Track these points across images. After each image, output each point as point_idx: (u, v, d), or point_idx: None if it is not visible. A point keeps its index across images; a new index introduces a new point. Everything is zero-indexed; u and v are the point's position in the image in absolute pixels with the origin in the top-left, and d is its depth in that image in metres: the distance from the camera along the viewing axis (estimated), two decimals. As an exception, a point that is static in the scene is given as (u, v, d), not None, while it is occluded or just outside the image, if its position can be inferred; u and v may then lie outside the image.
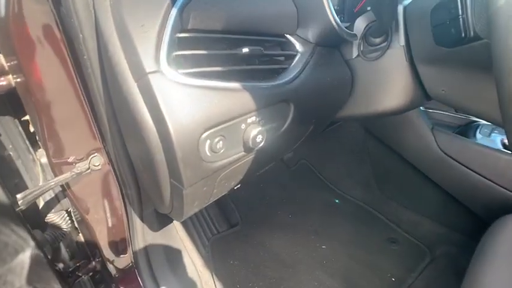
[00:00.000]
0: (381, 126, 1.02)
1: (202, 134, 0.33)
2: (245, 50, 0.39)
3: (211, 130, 0.34)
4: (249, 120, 0.36)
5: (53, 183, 0.53)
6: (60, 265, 0.70)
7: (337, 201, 1.17)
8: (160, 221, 0.71)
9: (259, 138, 0.37)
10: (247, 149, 0.38)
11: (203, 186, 0.37)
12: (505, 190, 0.80)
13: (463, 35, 0.38)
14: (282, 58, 0.49)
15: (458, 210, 0.95)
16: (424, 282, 0.90)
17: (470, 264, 0.61)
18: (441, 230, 1.01)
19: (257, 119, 0.37)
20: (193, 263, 0.89)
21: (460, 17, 0.37)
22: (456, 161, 0.86)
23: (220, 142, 0.35)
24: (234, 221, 1.07)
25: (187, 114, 0.31)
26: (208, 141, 0.34)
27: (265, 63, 0.46)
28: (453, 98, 0.47)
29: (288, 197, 1.19)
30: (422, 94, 0.50)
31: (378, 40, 0.50)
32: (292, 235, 1.05)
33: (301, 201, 1.18)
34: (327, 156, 1.24)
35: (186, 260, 0.86)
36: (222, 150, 0.35)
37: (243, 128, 0.36)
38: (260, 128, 0.37)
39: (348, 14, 0.59)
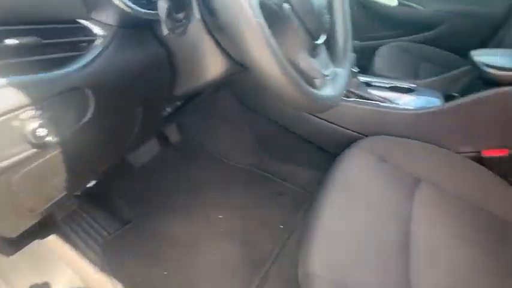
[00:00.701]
0: (246, 93, 1.09)
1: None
2: (11, 42, 0.36)
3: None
4: (23, 116, 0.35)
5: None
6: None
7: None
8: (18, 242, 0.65)
9: (42, 132, 0.36)
10: (36, 145, 0.37)
11: (-6, 194, 0.35)
12: (347, 130, 0.96)
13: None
14: (85, 44, 0.47)
15: (323, 156, 1.10)
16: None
17: (315, 196, 0.73)
18: (316, 174, 1.16)
19: (36, 113, 0.36)
20: (85, 274, 0.85)
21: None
22: (310, 113, 0.99)
23: (-15, 144, 0.33)
24: (126, 217, 1.05)
25: None
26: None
27: (62, 51, 0.43)
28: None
29: (181, 179, 1.20)
30: (232, 61, 0.55)
31: (180, 16, 0.52)
32: (189, 214, 1.08)
33: (194, 180, 1.20)
34: (212, 131, 1.28)
35: (73, 273, 0.82)
36: (-8, 152, 0.34)
37: (16, 125, 0.35)
38: (41, 121, 0.36)
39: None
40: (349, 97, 0.97)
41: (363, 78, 1.05)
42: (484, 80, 0.81)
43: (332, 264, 0.56)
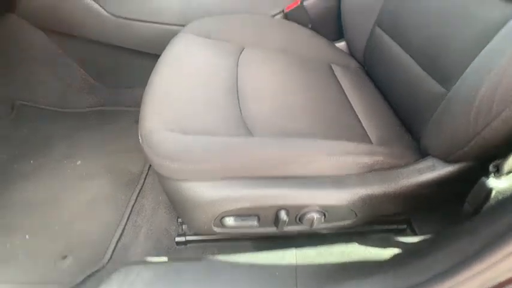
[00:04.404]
0: (51, 18, 0.93)
1: None
2: None
3: None
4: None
5: None
6: None
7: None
8: None
9: None
10: None
11: None
12: (167, 25, 0.94)
13: None
14: None
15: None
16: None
17: None
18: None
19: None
20: None
21: None
22: (126, 18, 0.92)
23: None
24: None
25: None
26: None
27: None
28: None
29: (20, 145, 1.02)
30: None
31: None
32: (42, 173, 0.94)
33: (36, 141, 1.03)
34: (31, 80, 1.08)
35: None
36: None
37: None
38: None
39: None
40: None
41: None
42: None
43: (167, 116, 0.57)
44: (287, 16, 0.94)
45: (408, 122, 0.70)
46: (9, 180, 0.92)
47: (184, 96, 0.63)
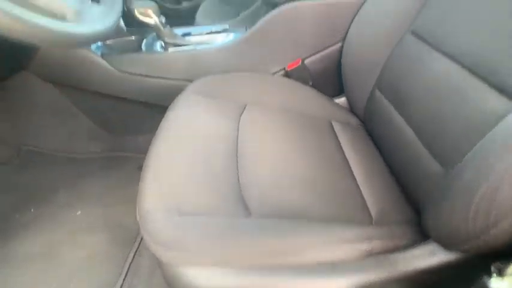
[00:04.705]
0: (61, 74, 0.96)
1: None
2: None
3: None
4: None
5: None
6: None
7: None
8: None
9: None
10: None
11: None
12: (174, 80, 0.97)
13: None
14: None
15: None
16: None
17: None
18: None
19: None
20: None
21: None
22: (133, 73, 0.95)
23: None
24: None
25: None
26: None
27: None
28: None
29: (24, 192, 1.03)
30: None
31: None
32: (42, 224, 0.94)
33: (40, 188, 1.04)
34: (37, 126, 1.11)
35: None
36: None
37: None
38: None
39: None
40: (167, 48, 0.97)
41: (182, 30, 1.07)
42: (269, 5, 0.93)
43: (164, 193, 0.57)
44: (288, 74, 0.96)
45: (409, 192, 0.69)
46: (10, 231, 0.93)
47: (183, 168, 0.63)
